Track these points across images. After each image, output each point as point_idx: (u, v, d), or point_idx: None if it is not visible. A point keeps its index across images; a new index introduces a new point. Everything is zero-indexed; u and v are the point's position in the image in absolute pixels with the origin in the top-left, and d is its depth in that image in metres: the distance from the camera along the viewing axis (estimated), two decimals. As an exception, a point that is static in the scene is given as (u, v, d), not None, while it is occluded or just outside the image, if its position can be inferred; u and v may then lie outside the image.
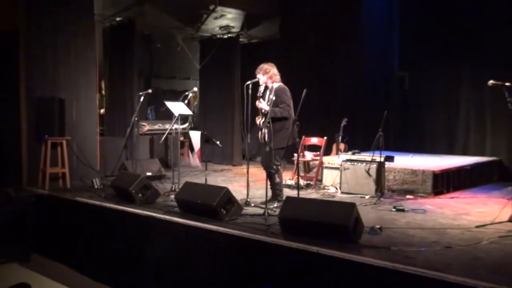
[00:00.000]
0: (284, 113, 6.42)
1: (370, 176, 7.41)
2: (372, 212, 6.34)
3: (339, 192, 7.65)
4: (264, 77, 6.57)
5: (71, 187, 8.01)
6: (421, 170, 7.58)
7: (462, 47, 9.46)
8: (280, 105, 6.45)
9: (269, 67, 6.62)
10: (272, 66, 6.65)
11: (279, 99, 6.47)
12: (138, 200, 6.66)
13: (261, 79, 6.58)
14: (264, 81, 6.59)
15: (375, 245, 4.72)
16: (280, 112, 6.41)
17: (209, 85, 11.99)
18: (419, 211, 6.30)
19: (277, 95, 6.49)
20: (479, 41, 9.18)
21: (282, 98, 6.48)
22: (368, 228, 5.17)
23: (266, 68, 6.59)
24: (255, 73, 6.63)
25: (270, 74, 6.57)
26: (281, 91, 6.53)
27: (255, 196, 7.11)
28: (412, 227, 5.51)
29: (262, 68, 6.61)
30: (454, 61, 9.63)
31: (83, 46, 8.63)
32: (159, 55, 13.17)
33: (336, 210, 4.95)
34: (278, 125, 6.41)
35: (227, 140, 11.33)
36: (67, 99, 8.33)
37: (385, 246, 4.67)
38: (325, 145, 8.39)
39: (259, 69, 6.61)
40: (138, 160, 8.80)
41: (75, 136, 8.40)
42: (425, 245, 4.74)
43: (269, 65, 6.66)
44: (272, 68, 6.64)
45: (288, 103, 6.48)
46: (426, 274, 3.88)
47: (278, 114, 6.40)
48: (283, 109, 6.43)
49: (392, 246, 4.65)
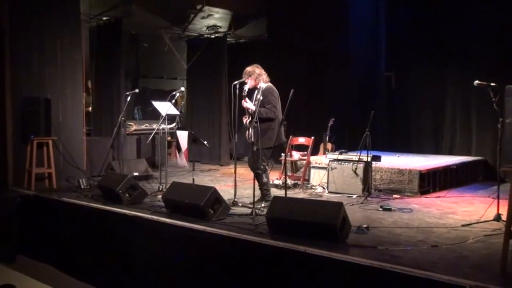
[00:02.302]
0: (270, 113, 6.41)
1: (357, 176, 7.42)
2: (359, 211, 6.35)
3: (326, 192, 7.65)
4: (251, 80, 6.56)
5: (57, 188, 7.95)
6: (407, 169, 7.61)
7: (447, 48, 9.51)
8: (266, 106, 6.44)
9: (252, 69, 6.58)
10: (255, 67, 6.61)
11: (266, 100, 6.46)
12: (125, 200, 6.64)
13: (249, 83, 6.56)
14: (252, 84, 6.57)
15: (362, 244, 4.74)
16: (266, 112, 6.41)
17: (197, 85, 11.96)
18: (405, 210, 6.33)
19: (264, 95, 6.48)
20: (463, 43, 9.23)
21: (269, 98, 6.47)
22: (355, 228, 5.18)
23: (249, 71, 6.56)
24: (243, 75, 6.61)
25: (254, 76, 6.55)
26: (268, 92, 6.52)
27: (243, 196, 7.11)
28: (399, 226, 5.53)
29: (246, 72, 6.58)
30: (440, 61, 9.68)
31: (69, 46, 8.56)
32: (146, 55, 13.10)
33: (324, 210, 4.95)
34: (264, 125, 6.39)
35: (215, 140, 11.31)
36: (53, 99, 8.27)
37: (372, 245, 4.68)
38: (312, 145, 8.40)
39: (244, 73, 6.58)
40: (125, 160, 8.76)
41: (61, 136, 8.34)
42: (412, 244, 4.76)
43: (252, 67, 6.62)
44: (256, 69, 6.60)
45: (274, 103, 6.47)
46: (412, 273, 3.90)
47: (264, 115, 6.38)
48: (269, 109, 6.42)
49: (379, 245, 4.67)
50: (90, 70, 10.43)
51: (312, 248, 4.46)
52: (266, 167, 6.60)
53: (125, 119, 8.84)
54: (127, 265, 5.97)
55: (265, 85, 6.59)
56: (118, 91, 9.95)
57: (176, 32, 11.87)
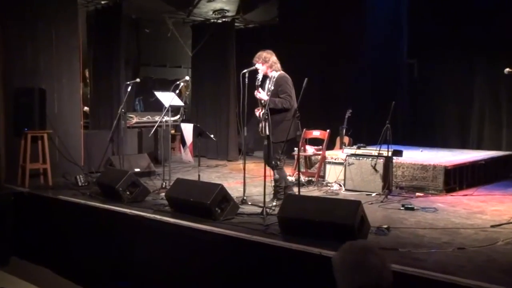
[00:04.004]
0: (285, 103, 6.40)
1: (377, 172, 7.41)
2: (379, 211, 6.35)
3: (343, 190, 7.65)
4: (264, 67, 6.55)
5: (53, 185, 7.99)
6: (431, 165, 7.58)
7: (477, 31, 9.40)
8: (280, 95, 6.43)
9: (268, 55, 6.58)
10: (271, 54, 6.62)
11: (280, 89, 6.45)
12: (126, 199, 6.67)
13: (260, 69, 6.55)
14: (263, 71, 6.56)
15: (382, 246, 4.70)
16: (280, 102, 6.40)
17: (202, 74, 11.96)
18: (429, 210, 6.31)
19: (278, 84, 6.47)
20: (496, 26, 9.14)
21: (283, 87, 6.46)
22: (374, 228, 5.18)
23: (265, 57, 6.55)
24: (253, 62, 6.60)
25: (270, 62, 6.54)
26: (282, 80, 6.51)
27: (252, 193, 7.11)
28: (422, 227, 5.51)
29: (261, 56, 6.57)
30: (468, 46, 9.61)
31: (65, 32, 8.60)
32: (148, 42, 13.12)
33: (340, 209, 4.95)
34: (278, 117, 6.39)
35: (222, 133, 11.32)
36: (48, 89, 8.30)
37: (393, 247, 4.67)
38: (328, 139, 8.39)
39: (258, 58, 6.58)
40: (126, 155, 8.80)
41: (57, 129, 8.38)
42: (436, 246, 4.75)
43: (268, 52, 6.62)
44: (272, 56, 6.61)
45: (289, 93, 6.46)
46: (437, 278, 3.89)
47: (278, 105, 6.38)
48: (284, 99, 6.41)
49: (401, 247, 4.66)
50: (88, 58, 10.46)
51: (327, 251, 4.44)
52: (278, 163, 6.58)
53: (126, 111, 8.87)
54: (127, 268, 6.00)
55: (277, 73, 6.58)
56: (117, 80, 9.97)
57: (180, 16, 11.87)
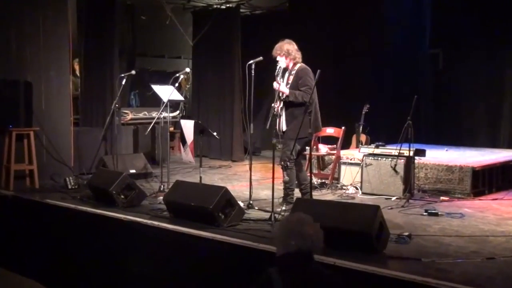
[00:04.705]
0: (305, 97, 6.41)
1: (397, 174, 7.39)
2: (400, 216, 6.35)
3: (359, 193, 7.65)
4: (287, 60, 6.59)
5: (40, 187, 8.02)
6: (458, 166, 7.57)
7: (507, 19, 9.38)
8: (301, 88, 6.48)
9: (291, 47, 6.61)
10: (293, 44, 6.65)
11: (301, 81, 6.51)
12: (120, 203, 6.68)
13: (281, 62, 6.59)
14: (286, 64, 6.61)
15: (403, 255, 4.73)
16: (301, 95, 6.44)
17: (204, 65, 11.97)
18: (455, 216, 6.31)
19: (299, 77, 6.54)
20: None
21: (305, 80, 6.52)
22: (394, 236, 5.18)
23: (288, 49, 6.58)
24: (273, 54, 6.62)
25: (293, 55, 6.59)
26: (303, 72, 6.58)
27: (260, 197, 7.12)
28: (447, 234, 5.51)
29: (283, 48, 6.59)
30: (499, 34, 9.56)
31: (53, 20, 8.60)
32: (144, 30, 13.14)
33: (356, 215, 4.96)
34: (297, 111, 6.44)
35: (226, 131, 11.33)
36: (35, 82, 8.32)
37: (415, 257, 4.66)
38: (343, 137, 8.37)
39: (279, 50, 6.59)
40: (120, 155, 8.80)
41: (44, 126, 8.39)
42: (463, 256, 4.74)
43: (289, 43, 6.64)
44: (293, 46, 6.63)
45: (310, 86, 6.48)
46: (464, 291, 3.88)
47: (299, 98, 6.43)
48: (305, 92, 6.44)
49: (424, 257, 4.65)
50: (78, 49, 10.48)
51: (343, 260, 4.46)
52: (288, 164, 6.58)
53: (120, 106, 8.87)
54: (122, 279, 6.00)
55: (298, 65, 6.64)
56: (111, 73, 10.00)
57: (180, 2, 11.88)
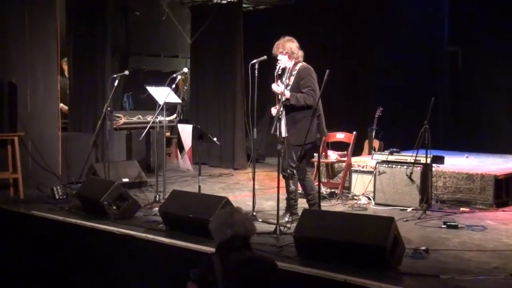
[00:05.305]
0: (308, 100, 6.41)
1: (413, 183, 7.39)
2: (416, 229, 6.35)
3: (372, 204, 7.65)
4: (289, 59, 6.56)
5: (26, 198, 8.02)
6: (479, 174, 7.57)
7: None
8: (303, 90, 6.46)
9: (294, 45, 6.59)
10: (295, 42, 6.64)
11: (302, 82, 6.49)
12: (112, 215, 6.68)
13: (282, 61, 6.57)
14: (287, 65, 6.59)
15: (419, 272, 4.72)
16: (303, 98, 6.42)
17: (204, 65, 11.98)
18: (477, 228, 6.31)
19: (300, 77, 6.52)
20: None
21: (307, 80, 6.49)
22: (410, 251, 5.18)
23: (290, 47, 6.55)
24: (274, 52, 6.60)
25: (296, 54, 6.56)
26: (305, 72, 6.56)
27: (264, 208, 7.12)
28: (467, 248, 5.51)
29: (285, 46, 6.56)
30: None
31: (40, 16, 8.62)
32: (139, 27, 13.15)
33: (369, 227, 4.95)
34: (299, 115, 6.43)
35: (227, 136, 11.33)
36: (20, 84, 8.33)
37: (433, 273, 4.66)
38: (354, 142, 8.36)
39: (282, 48, 6.56)
40: (112, 162, 8.80)
41: (30, 131, 8.39)
42: (485, 273, 4.74)
43: (292, 41, 6.63)
44: (296, 45, 6.62)
45: (313, 87, 6.48)
46: (486, 310, 3.88)
47: (301, 101, 6.41)
48: (307, 94, 6.43)
49: (442, 273, 4.65)
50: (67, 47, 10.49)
51: (354, 278, 4.45)
52: (294, 172, 6.57)
53: (112, 109, 8.87)
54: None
55: (300, 64, 6.62)
56: (102, 73, 9.99)
57: (177, -4, 11.93)
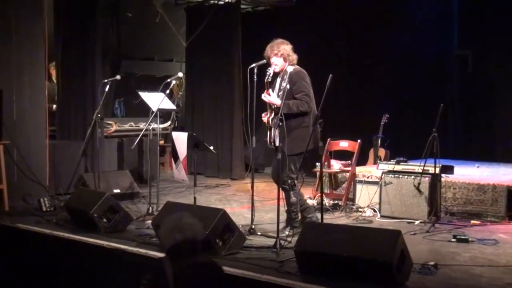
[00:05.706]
0: (302, 106, 6.38)
1: (421, 194, 7.38)
2: (424, 243, 6.34)
3: (378, 216, 7.64)
4: (283, 63, 6.54)
5: (11, 210, 8.00)
6: (491, 185, 7.56)
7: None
8: (296, 95, 6.42)
9: (288, 47, 6.56)
10: (289, 45, 6.61)
11: (296, 87, 6.44)
12: (102, 228, 6.67)
13: (277, 64, 6.53)
14: (281, 67, 6.56)
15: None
16: (296, 105, 6.38)
17: (199, 69, 11.98)
18: (488, 242, 6.29)
19: (293, 82, 6.46)
20: None
21: (300, 85, 6.45)
22: (418, 266, 5.17)
23: (285, 49, 6.53)
24: (266, 54, 6.57)
25: (291, 57, 6.55)
26: (298, 76, 6.51)
27: (263, 221, 7.11)
28: (479, 263, 5.50)
29: (280, 48, 6.53)
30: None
31: (27, 17, 8.63)
32: (131, 29, 13.17)
33: (374, 241, 4.94)
34: (294, 123, 6.38)
35: (224, 145, 11.34)
36: (6, 89, 8.32)
37: (442, 290, 4.64)
38: (359, 151, 8.36)
39: (276, 50, 6.52)
40: (102, 172, 8.78)
41: (16, 139, 8.39)
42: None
43: (286, 43, 6.61)
44: (290, 47, 6.60)
45: (307, 92, 6.45)
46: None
47: (294, 109, 6.36)
48: (301, 100, 6.40)
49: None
50: (55, 50, 10.51)
51: (358, 294, 4.44)
52: (295, 182, 6.56)
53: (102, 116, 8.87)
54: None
55: (291, 67, 6.58)
56: (92, 78, 10.01)
57: (172, -3, 11.95)
